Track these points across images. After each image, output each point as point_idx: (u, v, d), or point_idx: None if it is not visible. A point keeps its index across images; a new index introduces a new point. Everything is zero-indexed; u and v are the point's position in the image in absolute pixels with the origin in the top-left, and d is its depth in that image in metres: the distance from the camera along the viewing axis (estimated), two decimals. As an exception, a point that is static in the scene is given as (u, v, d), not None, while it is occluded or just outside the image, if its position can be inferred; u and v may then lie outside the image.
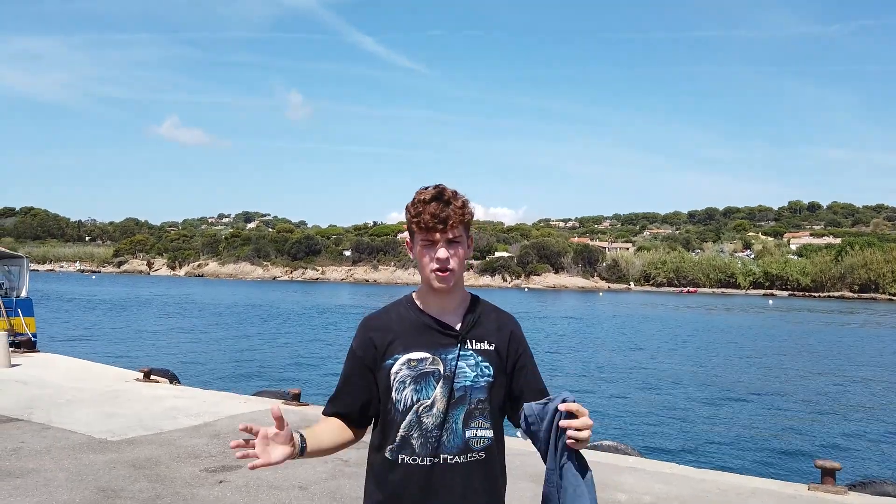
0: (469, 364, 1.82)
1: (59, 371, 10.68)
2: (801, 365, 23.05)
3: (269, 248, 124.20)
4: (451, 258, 1.80)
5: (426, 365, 1.80)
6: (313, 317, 39.66)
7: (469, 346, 1.84)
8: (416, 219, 1.80)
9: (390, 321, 1.88)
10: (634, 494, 5.33)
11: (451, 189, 1.85)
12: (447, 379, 1.80)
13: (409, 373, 1.80)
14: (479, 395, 1.82)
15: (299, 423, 7.33)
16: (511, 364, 1.91)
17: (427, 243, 1.81)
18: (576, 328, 36.22)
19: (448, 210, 1.78)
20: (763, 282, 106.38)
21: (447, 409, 1.79)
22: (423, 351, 1.81)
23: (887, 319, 50.84)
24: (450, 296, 1.87)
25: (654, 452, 9.66)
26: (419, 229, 1.80)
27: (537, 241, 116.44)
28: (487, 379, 1.84)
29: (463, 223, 1.82)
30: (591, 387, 17.30)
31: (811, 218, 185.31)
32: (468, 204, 1.84)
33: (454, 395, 1.79)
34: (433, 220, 1.77)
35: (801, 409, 15.12)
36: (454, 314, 1.88)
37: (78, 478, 5.23)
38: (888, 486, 5.97)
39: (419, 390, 1.79)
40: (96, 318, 34.78)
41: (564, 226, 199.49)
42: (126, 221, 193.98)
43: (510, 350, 1.91)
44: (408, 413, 1.79)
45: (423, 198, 1.81)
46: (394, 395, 1.80)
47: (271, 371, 18.73)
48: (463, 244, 1.84)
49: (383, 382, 1.82)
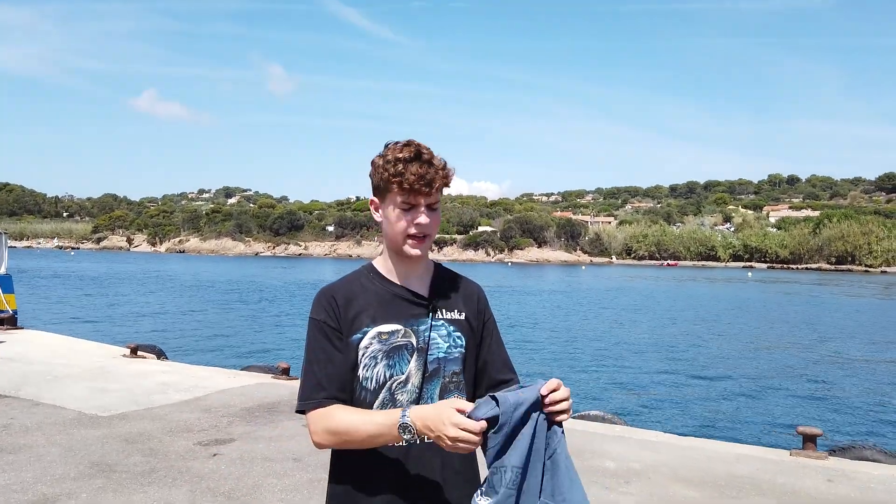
0: (441, 335, 1.71)
1: (43, 348, 10.59)
2: (780, 335, 23.48)
3: (251, 224, 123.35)
4: (430, 224, 1.67)
5: (398, 338, 1.67)
6: (296, 292, 39.57)
7: (440, 315, 1.73)
8: (396, 178, 1.61)
9: (353, 292, 1.71)
10: (623, 462, 5.44)
11: (426, 146, 1.67)
12: (421, 352, 1.68)
13: (380, 347, 1.66)
14: (454, 366, 1.71)
15: (290, 398, 7.37)
16: (479, 333, 1.81)
17: (407, 206, 1.64)
18: (559, 301, 36.51)
19: (432, 172, 1.62)
20: (743, 254, 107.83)
21: (422, 383, 1.67)
22: (393, 323, 1.68)
23: (863, 290, 51.80)
24: (417, 263, 1.74)
25: (640, 421, 9.84)
26: (401, 190, 1.62)
27: (520, 216, 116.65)
28: (460, 350, 1.73)
29: (445, 187, 1.67)
30: (575, 358, 17.51)
31: (790, 191, 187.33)
32: (447, 165, 1.68)
33: (428, 369, 1.68)
34: (419, 181, 1.60)
35: (782, 377, 15.43)
36: (420, 283, 1.75)
37: (71, 453, 5.23)
38: (866, 450, 6.15)
39: (392, 365, 1.66)
40: (78, 295, 34.43)
41: (547, 200, 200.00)
42: (104, 197, 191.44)
43: (479, 318, 1.81)
44: (381, 391, 1.66)
45: (402, 155, 1.62)
46: (361, 373, 1.65)
47: (256, 346, 18.72)
48: (439, 210, 1.71)
49: (350, 358, 1.66)
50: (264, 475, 4.87)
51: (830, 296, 45.35)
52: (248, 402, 7.12)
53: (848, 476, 5.20)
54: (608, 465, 5.33)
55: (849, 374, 16.10)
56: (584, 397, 12.51)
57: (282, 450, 5.48)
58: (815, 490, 4.87)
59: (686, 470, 5.29)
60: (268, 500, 4.40)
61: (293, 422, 6.36)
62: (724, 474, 5.20)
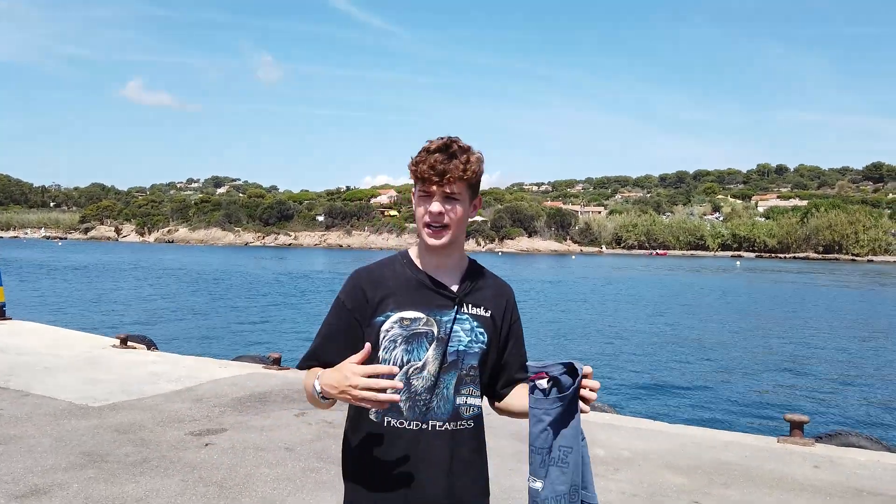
0: (464, 328, 1.75)
1: (32, 338, 10.52)
2: (768, 324, 23.68)
3: (241, 214, 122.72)
4: (445, 214, 1.69)
5: (419, 325, 1.72)
6: (287, 282, 39.48)
7: (465, 309, 1.76)
8: (415, 167, 1.69)
9: (383, 276, 1.78)
10: (613, 450, 5.49)
11: (465, 144, 1.73)
12: (441, 341, 1.72)
13: (400, 332, 1.71)
14: (472, 361, 1.75)
15: (282, 388, 7.38)
16: (504, 333, 1.85)
17: (423, 195, 1.71)
18: (549, 290, 36.63)
19: (449, 164, 1.66)
20: (731, 244, 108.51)
21: (438, 372, 1.71)
22: (417, 310, 1.72)
23: (850, 279, 52.27)
24: (447, 256, 1.78)
25: (630, 410, 9.92)
26: (416, 179, 1.70)
27: (511, 206, 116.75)
28: (481, 346, 1.76)
29: (464, 180, 1.69)
30: (566, 347, 17.60)
31: (779, 181, 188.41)
32: (476, 162, 1.72)
33: (446, 360, 1.72)
34: (430, 171, 1.66)
35: (770, 365, 15.58)
36: (451, 276, 1.80)
37: (62, 443, 5.22)
38: (853, 437, 6.23)
39: (410, 351, 1.71)
40: (66, 286, 34.19)
41: (538, 190, 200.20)
42: (92, 187, 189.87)
43: (505, 318, 1.85)
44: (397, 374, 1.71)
45: (427, 147, 1.70)
46: (382, 354, 1.71)
47: (247, 336, 18.70)
48: (463, 202, 1.72)
49: (371, 340, 1.71)
50: (256, 465, 4.88)
51: (817, 285, 45.73)
52: (239, 392, 7.12)
53: (834, 462, 5.28)
54: (598, 453, 5.37)
55: (835, 362, 16.28)
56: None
57: (274, 439, 5.48)
58: (802, 476, 4.93)
59: (675, 457, 5.34)
60: (260, 490, 4.41)
61: (285, 411, 6.37)
62: (713, 461, 5.26)
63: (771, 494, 4.56)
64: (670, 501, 4.41)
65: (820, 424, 9.78)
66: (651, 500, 4.42)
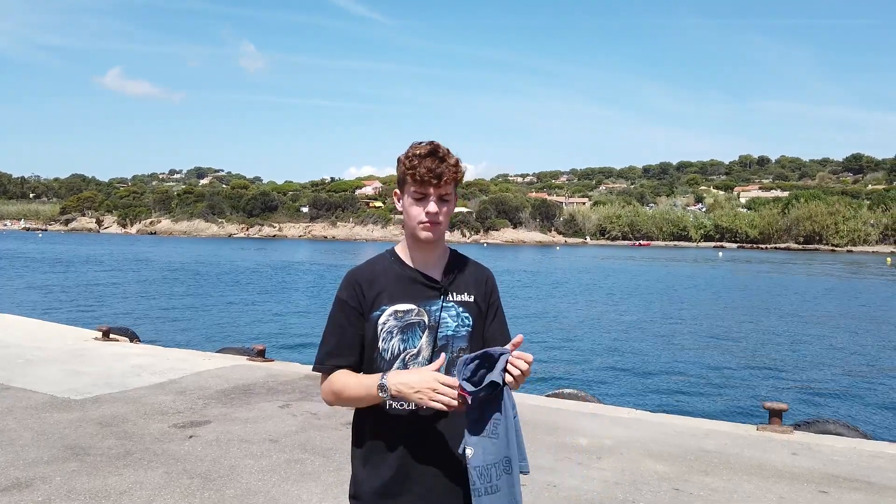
0: (451, 315, 1.92)
1: (12, 331, 10.42)
2: (748, 313, 23.95)
3: (224, 205, 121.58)
4: (439, 213, 1.87)
5: (412, 316, 1.89)
6: (271, 274, 39.30)
7: (451, 297, 1.94)
8: (411, 171, 1.84)
9: (376, 274, 1.94)
10: (595, 438, 5.55)
11: (444, 147, 1.91)
12: (432, 329, 1.90)
13: (395, 323, 1.88)
14: (461, 343, 1.92)
15: (266, 380, 7.37)
16: (487, 313, 2.02)
17: (420, 196, 1.86)
18: (533, 281, 36.77)
19: (443, 167, 1.84)
20: (714, 234, 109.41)
21: (431, 357, 1.88)
22: (408, 302, 1.90)
23: (830, 268, 52.95)
24: (433, 249, 1.95)
25: (613, 399, 10.01)
26: (413, 181, 1.85)
27: (496, 197, 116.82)
28: (467, 328, 1.94)
29: (455, 181, 1.88)
30: (549, 337, 17.70)
31: (760, 172, 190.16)
32: (460, 163, 1.91)
33: (437, 345, 1.89)
34: (429, 174, 1.82)
35: (750, 354, 15.78)
36: (435, 267, 1.97)
37: (44, 437, 5.19)
38: (830, 424, 6.35)
39: (406, 340, 1.89)
40: (46, 278, 33.77)
41: (522, 181, 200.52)
42: (72, 178, 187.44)
43: (486, 299, 2.02)
44: (395, 361, 1.88)
45: (419, 152, 1.86)
46: (381, 345, 1.89)
47: (230, 328, 18.61)
48: (451, 201, 1.92)
49: (370, 333, 1.89)
50: (241, 456, 4.89)
51: (797, 275, 46.28)
52: (223, 384, 7.10)
53: (812, 449, 5.38)
54: (581, 442, 5.43)
55: (814, 351, 16.52)
56: (558, 376, 12.68)
57: (258, 431, 5.49)
58: (781, 463, 5.02)
59: (657, 445, 5.42)
60: (245, 481, 4.42)
61: (269, 403, 6.37)
62: (694, 449, 5.34)
63: (750, 481, 4.64)
64: (651, 489, 4.48)
65: (798, 412, 9.93)
66: (633, 488, 4.48)
